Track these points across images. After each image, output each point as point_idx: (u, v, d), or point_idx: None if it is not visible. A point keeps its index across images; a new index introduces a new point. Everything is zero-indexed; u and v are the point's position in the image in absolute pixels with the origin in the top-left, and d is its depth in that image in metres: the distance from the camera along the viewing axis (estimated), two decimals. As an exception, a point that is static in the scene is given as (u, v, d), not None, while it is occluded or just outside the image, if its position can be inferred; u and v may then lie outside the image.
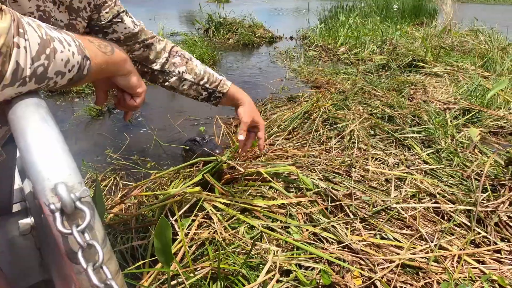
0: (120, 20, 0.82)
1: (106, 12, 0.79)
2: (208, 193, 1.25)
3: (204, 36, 5.42)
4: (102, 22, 0.79)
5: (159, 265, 0.94)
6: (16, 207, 1.18)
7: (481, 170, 1.45)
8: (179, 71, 0.94)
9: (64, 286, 0.66)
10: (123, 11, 0.83)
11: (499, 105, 2.35)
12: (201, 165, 1.49)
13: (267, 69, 3.73)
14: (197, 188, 1.21)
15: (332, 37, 4.70)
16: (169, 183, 1.42)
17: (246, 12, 6.09)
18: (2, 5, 0.39)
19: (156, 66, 0.92)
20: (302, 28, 5.91)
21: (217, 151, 1.52)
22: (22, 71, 0.41)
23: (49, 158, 0.33)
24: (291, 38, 5.68)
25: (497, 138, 2.02)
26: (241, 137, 0.95)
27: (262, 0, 15.09)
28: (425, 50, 3.43)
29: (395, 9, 5.58)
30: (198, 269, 0.89)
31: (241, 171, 1.34)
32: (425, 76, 3.08)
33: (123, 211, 1.26)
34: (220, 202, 1.18)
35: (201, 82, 0.96)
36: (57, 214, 0.30)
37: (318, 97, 2.12)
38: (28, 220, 1.03)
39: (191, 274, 0.86)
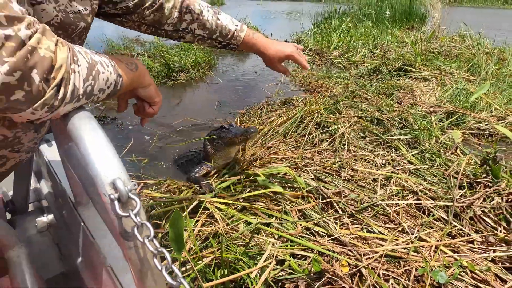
0: None
1: None
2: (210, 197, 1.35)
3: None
4: None
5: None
6: (31, 207, 1.27)
7: (460, 169, 1.57)
8: (191, 29, 0.99)
9: (92, 275, 0.76)
10: None
11: (481, 108, 2.49)
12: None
13: (263, 73, 3.84)
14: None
15: (325, 41, 4.83)
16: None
17: (241, 17, 6.22)
18: (60, 38, 0.50)
19: (169, 27, 0.97)
20: (296, 32, 6.05)
21: (251, 130, 1.43)
22: (77, 91, 0.52)
23: (105, 159, 0.44)
24: (285, 41, 5.81)
25: (479, 139, 2.16)
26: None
27: (256, 2, 15.26)
28: (414, 55, 3.58)
29: (387, 15, 5.74)
30: (203, 257, 1.00)
31: (240, 177, 1.44)
32: (414, 80, 3.23)
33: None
34: (221, 203, 1.29)
35: (214, 36, 1.01)
36: (116, 202, 0.41)
37: (311, 102, 2.24)
38: (45, 219, 1.12)
39: (199, 262, 0.96)
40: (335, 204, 1.34)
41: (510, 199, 1.32)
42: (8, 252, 0.76)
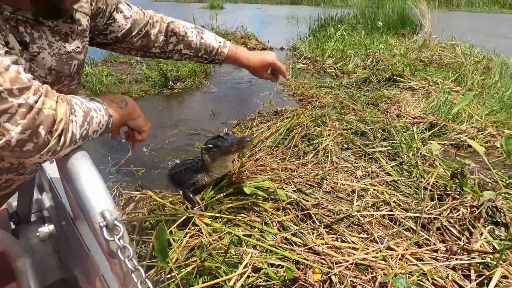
0: (112, 20, 0.96)
1: (100, 17, 0.94)
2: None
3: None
4: (99, 27, 0.95)
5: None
6: (33, 217, 1.39)
7: (434, 182, 1.69)
8: (177, 49, 1.10)
9: (88, 280, 0.88)
10: (114, 9, 0.95)
11: (463, 119, 2.60)
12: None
13: (258, 82, 3.96)
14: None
15: (320, 49, 4.96)
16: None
17: (239, 23, 6.36)
18: (61, 94, 0.63)
19: (156, 50, 1.08)
20: (293, 38, 6.18)
21: (247, 139, 1.47)
22: (75, 136, 0.66)
23: (97, 194, 0.56)
24: (282, 48, 5.94)
25: (458, 150, 2.27)
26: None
27: (256, 6, 15.44)
28: (403, 65, 3.70)
29: (380, 25, 5.87)
30: (187, 266, 1.12)
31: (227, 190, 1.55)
32: (402, 90, 3.34)
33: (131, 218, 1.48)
34: (207, 216, 1.40)
35: (199, 54, 1.13)
36: (104, 229, 0.53)
37: (299, 114, 2.35)
38: (46, 229, 1.24)
39: (183, 270, 1.08)
40: (313, 215, 1.45)
41: (473, 211, 1.43)
42: (15, 262, 0.87)
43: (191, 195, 1.56)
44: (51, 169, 1.24)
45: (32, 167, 0.89)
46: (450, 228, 1.41)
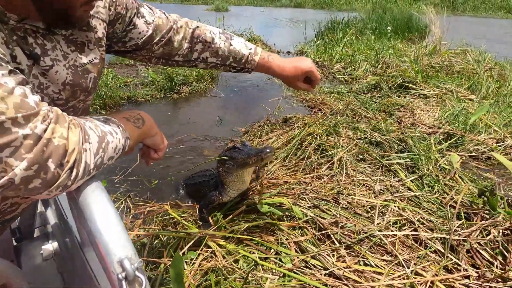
0: (133, 26, 0.86)
1: (119, 23, 0.84)
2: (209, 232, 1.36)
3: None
4: (118, 33, 0.85)
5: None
6: (36, 232, 1.30)
7: (458, 199, 1.59)
8: (203, 57, 0.99)
9: None
10: (134, 14, 0.86)
11: (480, 129, 2.50)
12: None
13: (265, 87, 3.88)
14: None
15: (328, 54, 4.87)
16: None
17: (245, 27, 6.29)
18: (73, 118, 0.54)
19: (179, 58, 0.98)
20: (300, 42, 6.10)
21: (267, 150, 1.25)
22: (88, 166, 0.56)
23: (115, 238, 0.47)
24: (288, 52, 5.86)
25: (477, 162, 2.17)
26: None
27: (260, 9, 15.40)
28: (415, 71, 3.60)
29: (389, 30, 5.78)
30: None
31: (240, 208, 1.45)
32: (415, 97, 3.24)
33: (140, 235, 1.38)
34: (219, 237, 1.30)
35: (227, 62, 1.01)
36: (123, 282, 0.44)
37: (310, 123, 2.26)
38: (50, 247, 1.14)
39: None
40: (331, 235, 1.35)
41: (506, 233, 1.33)
42: None
43: (206, 216, 1.46)
44: None
45: None
46: (481, 251, 1.30)
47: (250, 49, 1.03)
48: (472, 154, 2.23)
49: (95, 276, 0.75)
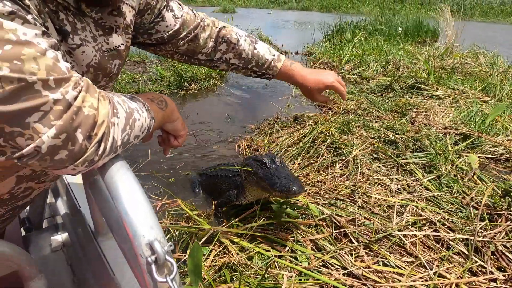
0: (161, 19, 0.84)
1: (148, 14, 0.82)
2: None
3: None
4: (145, 24, 0.83)
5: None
6: (45, 223, 1.26)
7: (480, 199, 1.53)
8: (225, 58, 0.97)
9: None
10: (164, 7, 0.84)
11: (497, 131, 2.43)
12: None
13: (274, 85, 3.83)
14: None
15: (337, 55, 4.83)
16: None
17: (254, 26, 6.27)
18: (102, 90, 0.50)
19: (202, 57, 0.96)
20: (308, 43, 6.06)
21: (294, 189, 1.09)
22: (116, 143, 0.52)
23: (143, 219, 0.43)
24: (297, 53, 5.82)
25: (496, 164, 2.10)
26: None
27: (266, 12, 15.42)
28: (427, 72, 3.54)
29: (400, 31, 5.72)
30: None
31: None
32: (427, 98, 3.18)
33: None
34: (233, 234, 1.26)
35: (249, 66, 0.99)
36: (153, 266, 0.39)
37: (322, 121, 2.21)
38: (59, 238, 1.10)
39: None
40: (349, 233, 1.30)
41: (533, 236, 1.27)
42: (28, 284, 0.74)
43: (221, 214, 1.41)
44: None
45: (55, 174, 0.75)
46: (507, 254, 1.24)
47: (274, 55, 1.01)
48: (490, 155, 2.16)
49: (110, 266, 0.71)
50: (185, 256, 1.13)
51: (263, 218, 1.32)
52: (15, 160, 0.45)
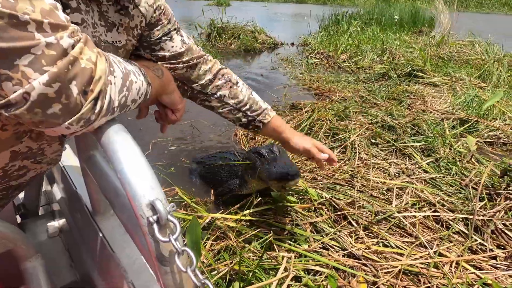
0: (169, 38, 0.83)
1: (157, 30, 0.80)
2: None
3: (207, 41, 5.50)
4: (152, 39, 0.81)
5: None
6: (41, 210, 1.23)
7: (478, 180, 1.52)
8: (220, 95, 0.97)
9: (109, 284, 0.72)
10: (175, 29, 0.84)
11: (495, 116, 2.43)
12: None
13: (269, 75, 3.80)
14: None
15: (333, 45, 4.79)
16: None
17: (248, 18, 6.19)
18: (98, 48, 0.47)
19: (197, 87, 0.95)
20: (303, 34, 6.02)
21: (290, 176, 1.05)
22: (113, 103, 0.49)
23: (144, 179, 0.40)
24: (292, 44, 5.78)
25: (493, 148, 2.10)
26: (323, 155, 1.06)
27: (261, 5, 15.28)
28: (423, 60, 3.53)
29: (396, 20, 5.69)
30: (217, 270, 0.96)
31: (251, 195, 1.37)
32: (424, 86, 3.17)
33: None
34: (231, 220, 1.24)
35: (243, 108, 0.99)
36: (155, 225, 0.37)
37: (319, 108, 2.19)
38: (56, 223, 1.08)
39: (212, 273, 0.92)
40: (348, 216, 1.29)
41: (533, 214, 1.27)
42: (24, 263, 0.72)
43: (220, 203, 1.39)
44: (64, 157, 1.09)
45: (52, 155, 0.72)
46: (507, 232, 1.24)
47: (267, 106, 1.05)
48: (487, 139, 2.17)
49: (109, 244, 0.69)
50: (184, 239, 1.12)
51: (262, 202, 1.31)
52: (2, 111, 0.41)
